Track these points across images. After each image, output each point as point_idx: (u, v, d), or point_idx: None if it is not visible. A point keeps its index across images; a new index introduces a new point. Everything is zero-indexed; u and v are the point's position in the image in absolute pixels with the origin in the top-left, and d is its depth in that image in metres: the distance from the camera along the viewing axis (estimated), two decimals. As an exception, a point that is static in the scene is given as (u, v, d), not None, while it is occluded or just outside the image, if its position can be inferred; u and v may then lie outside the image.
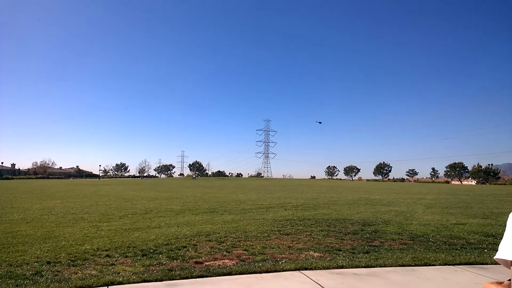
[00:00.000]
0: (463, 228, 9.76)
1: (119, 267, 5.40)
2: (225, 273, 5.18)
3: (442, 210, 15.33)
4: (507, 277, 0.96)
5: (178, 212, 13.13)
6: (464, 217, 12.43)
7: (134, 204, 16.22)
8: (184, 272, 5.15)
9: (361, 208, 15.28)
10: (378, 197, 24.57)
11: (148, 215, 12.12)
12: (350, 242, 7.61)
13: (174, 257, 6.03)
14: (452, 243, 7.65)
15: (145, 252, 6.36)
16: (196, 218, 11.18)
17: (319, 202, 18.66)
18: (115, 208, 14.50)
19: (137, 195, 23.26)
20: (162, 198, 20.38)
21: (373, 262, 5.88)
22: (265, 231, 8.68)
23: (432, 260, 6.08)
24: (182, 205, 15.88)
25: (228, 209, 14.35)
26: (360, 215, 12.41)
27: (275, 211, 13.68)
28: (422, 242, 7.72)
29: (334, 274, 5.26)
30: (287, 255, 6.31)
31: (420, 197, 24.84)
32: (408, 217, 12.09)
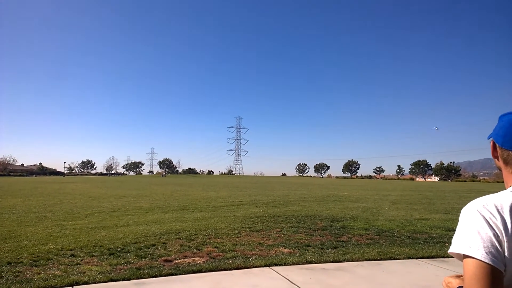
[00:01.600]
0: (426, 223, 10.20)
1: (84, 267, 5.23)
2: (194, 270, 5.13)
3: (407, 206, 15.93)
4: None
5: (147, 210, 12.87)
6: (427, 213, 12.99)
7: (101, 202, 15.74)
8: (153, 270, 5.06)
9: (330, 205, 15.61)
10: (346, 193, 25.18)
11: (115, 213, 11.80)
12: (319, 238, 7.76)
13: (143, 256, 5.92)
14: (415, 237, 7.98)
15: (112, 251, 6.20)
16: (166, 216, 11.01)
17: (290, 199, 18.89)
18: (81, 206, 14.01)
19: (104, 193, 22.57)
20: (130, 196, 19.90)
21: (341, 257, 6.02)
22: (236, 228, 8.69)
23: (396, 254, 6.30)
24: (152, 203, 15.59)
25: (198, 206, 14.23)
26: (329, 211, 12.67)
27: (246, 208, 13.71)
28: (388, 237, 8.00)
29: (303, 270, 5.34)
30: (257, 252, 6.34)
31: (386, 194, 25.70)
32: (375, 213, 12.48)
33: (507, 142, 1.08)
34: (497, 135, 1.13)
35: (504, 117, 1.13)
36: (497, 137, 1.12)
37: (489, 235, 0.95)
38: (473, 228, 0.98)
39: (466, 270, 0.96)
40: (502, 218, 0.96)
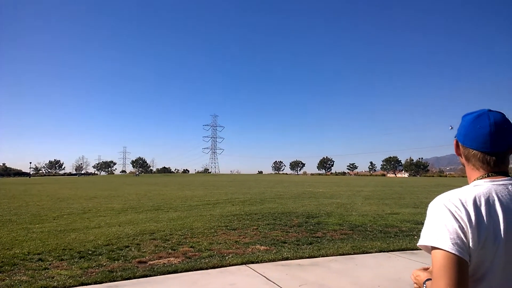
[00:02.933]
0: (397, 217, 10.52)
1: (53, 271, 5.04)
2: (170, 271, 5.05)
3: (379, 201, 16.38)
4: None
5: (119, 210, 12.56)
6: (398, 207, 13.40)
7: (70, 204, 15.21)
8: (127, 272, 4.94)
9: (306, 201, 15.80)
10: (321, 190, 25.58)
11: (86, 215, 11.45)
12: (295, 234, 7.84)
13: (116, 258, 5.76)
14: (387, 231, 8.21)
15: (83, 254, 6.00)
16: (140, 217, 10.78)
17: (266, 196, 18.97)
18: (49, 208, 13.48)
19: (73, 194, 21.84)
20: (102, 197, 19.36)
21: (316, 253, 6.11)
22: (212, 227, 8.63)
23: (369, 248, 6.46)
24: (124, 203, 15.23)
25: (173, 206, 14.03)
26: (305, 208, 12.83)
27: (222, 206, 13.65)
28: (361, 231, 8.19)
29: (280, 266, 5.38)
30: (234, 250, 6.32)
31: (359, 190, 26.31)
32: (348, 209, 12.75)
33: (468, 140, 1.15)
34: (459, 134, 1.19)
35: (466, 117, 1.19)
36: (459, 135, 1.19)
37: (454, 227, 1.00)
38: (440, 221, 1.03)
39: (434, 261, 1.00)
40: (466, 211, 1.02)
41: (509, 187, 1.08)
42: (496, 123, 1.11)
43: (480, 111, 1.17)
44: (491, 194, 1.06)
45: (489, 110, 1.16)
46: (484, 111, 1.15)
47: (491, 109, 1.16)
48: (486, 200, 1.04)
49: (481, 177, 1.12)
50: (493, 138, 1.10)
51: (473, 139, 1.13)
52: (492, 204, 1.03)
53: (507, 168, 1.14)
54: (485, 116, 1.13)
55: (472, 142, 1.13)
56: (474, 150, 1.13)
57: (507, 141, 1.11)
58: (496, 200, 1.04)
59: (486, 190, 1.06)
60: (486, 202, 1.03)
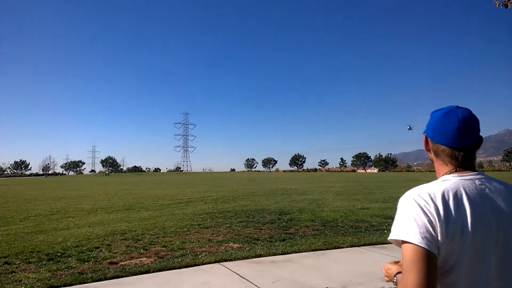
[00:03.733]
0: (367, 212, 10.84)
1: (20, 275, 4.86)
2: (142, 271, 4.99)
3: (349, 196, 16.79)
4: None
5: (89, 211, 12.22)
6: (368, 202, 13.80)
7: (37, 205, 14.64)
8: (97, 274, 4.83)
9: (278, 198, 15.97)
10: (293, 187, 25.90)
11: (54, 216, 11.05)
12: (268, 231, 7.92)
13: (86, 259, 5.62)
14: (358, 226, 8.45)
15: (52, 256, 5.82)
16: (110, 217, 10.53)
17: (239, 194, 19.00)
18: (15, 210, 12.92)
19: (40, 195, 21.00)
20: (70, 197, 18.73)
21: (289, 249, 6.20)
22: (185, 226, 8.57)
23: (340, 243, 6.62)
24: (94, 204, 14.81)
25: (145, 205, 13.80)
26: (277, 205, 12.97)
27: (195, 205, 13.56)
28: (332, 227, 8.38)
29: (253, 263, 5.43)
30: (207, 249, 6.32)
31: (331, 186, 26.86)
32: (320, 205, 13.00)
33: (436, 136, 1.18)
34: (428, 129, 1.23)
35: (434, 113, 1.23)
36: (428, 131, 1.23)
37: (424, 221, 1.03)
38: (410, 215, 1.06)
39: (404, 254, 1.03)
40: (435, 205, 1.04)
41: (476, 181, 1.12)
42: (464, 119, 1.14)
43: (448, 107, 1.20)
44: (459, 188, 1.09)
45: (457, 106, 1.19)
46: (453, 108, 1.18)
47: (459, 106, 1.19)
48: (454, 195, 1.07)
49: (449, 172, 1.15)
50: (461, 134, 1.13)
51: (442, 135, 1.16)
52: (460, 198, 1.06)
53: (474, 163, 1.17)
54: (453, 113, 1.16)
55: (441, 137, 1.16)
56: (443, 145, 1.16)
57: (474, 137, 1.15)
58: (464, 194, 1.07)
59: (454, 185, 1.09)
60: (454, 196, 1.06)
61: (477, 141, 1.16)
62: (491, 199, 1.09)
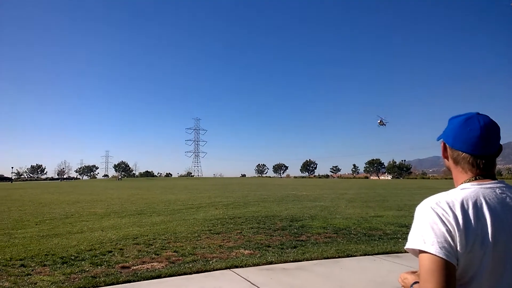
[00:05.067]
0: (381, 220, 10.67)
1: (36, 277, 4.93)
2: (153, 276, 5.01)
3: (362, 203, 16.58)
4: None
5: (102, 215, 12.36)
6: (381, 210, 13.60)
7: (53, 209, 14.88)
8: (109, 278, 4.88)
9: (289, 205, 15.87)
10: (305, 193, 25.73)
11: (68, 219, 11.22)
12: (279, 238, 7.87)
13: (98, 263, 5.68)
14: (371, 234, 8.31)
15: (66, 260, 5.89)
16: (122, 221, 10.63)
17: (249, 200, 18.96)
18: (31, 213, 13.15)
19: (56, 199, 21.34)
20: (84, 201, 18.99)
21: (300, 256, 6.13)
22: (196, 231, 8.59)
23: (353, 252, 6.51)
24: (107, 208, 14.98)
25: (156, 210, 13.89)
26: (288, 211, 12.88)
27: (206, 210, 13.59)
28: (345, 234, 8.27)
29: (264, 270, 5.39)
30: (217, 254, 6.31)
31: (343, 192, 26.58)
32: (332, 212, 12.87)
33: (457, 143, 1.15)
34: (448, 136, 1.19)
35: (454, 119, 1.20)
36: (447, 138, 1.19)
37: (442, 230, 1.00)
38: (427, 224, 1.03)
39: (421, 265, 1.01)
40: (454, 214, 1.02)
41: (497, 190, 1.09)
42: (486, 126, 1.11)
43: (468, 114, 1.17)
44: (479, 197, 1.05)
45: (477, 113, 1.16)
46: (473, 114, 1.16)
47: (479, 112, 1.17)
48: (474, 204, 1.04)
49: (468, 180, 1.12)
50: (483, 141, 1.10)
51: (463, 142, 1.13)
52: (479, 207, 1.03)
53: (494, 171, 1.15)
54: (475, 119, 1.13)
55: (462, 144, 1.13)
56: (464, 153, 1.13)
57: (496, 144, 1.13)
58: (484, 203, 1.04)
59: (473, 193, 1.06)
60: (473, 205, 1.03)
61: (498, 149, 1.14)
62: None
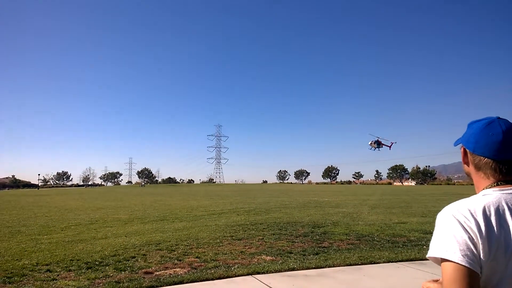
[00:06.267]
0: (404, 226, 10.40)
1: (61, 282, 5.06)
2: (176, 282, 5.05)
3: (385, 210, 16.22)
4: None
5: (126, 221, 12.60)
6: (405, 216, 13.26)
7: (78, 215, 15.30)
8: (133, 283, 4.95)
9: (311, 211, 15.71)
10: (327, 199, 25.43)
11: (93, 225, 11.49)
12: (300, 244, 7.79)
13: (122, 269, 5.77)
14: (394, 241, 8.12)
15: (90, 265, 6.02)
16: (146, 227, 10.80)
17: (271, 206, 18.90)
18: (57, 219, 13.57)
19: (81, 205, 21.95)
20: (108, 208, 19.44)
21: (323, 263, 6.05)
22: (218, 237, 8.62)
23: (376, 258, 6.38)
24: (130, 214, 15.27)
25: (179, 216, 14.04)
26: (310, 218, 12.75)
27: (228, 216, 13.63)
28: (368, 241, 8.10)
29: (286, 277, 5.34)
30: (239, 260, 6.30)
31: (366, 198, 26.10)
32: (355, 218, 12.64)
33: (479, 148, 1.12)
34: (468, 141, 1.17)
35: (474, 124, 1.17)
36: (468, 143, 1.16)
37: (464, 238, 0.98)
38: (449, 232, 1.01)
39: (444, 273, 0.99)
40: (476, 221, 1.00)
41: None
42: (508, 130, 1.09)
43: (489, 118, 1.15)
44: (501, 203, 1.03)
45: (498, 117, 1.15)
46: (494, 119, 1.14)
47: (500, 117, 1.15)
48: (496, 210, 1.02)
49: (489, 186, 1.10)
50: (506, 146, 1.08)
51: (485, 147, 1.11)
52: (502, 214, 1.01)
53: None
54: (496, 124, 1.11)
55: (484, 150, 1.11)
56: (486, 158, 1.11)
57: None
58: (506, 209, 1.02)
59: (495, 200, 1.04)
60: (496, 211, 1.01)
61: None
62: None
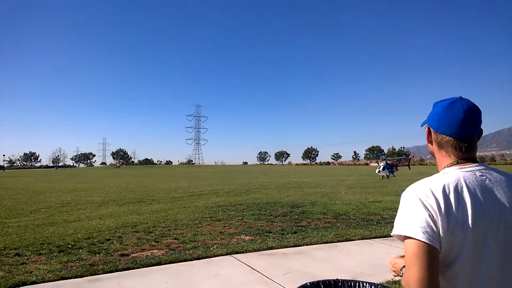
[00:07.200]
0: (379, 205, 10.69)
1: (31, 266, 4.87)
2: (153, 263, 4.96)
3: (362, 189, 16.62)
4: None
5: (100, 203, 12.33)
6: (380, 195, 13.63)
7: (48, 197, 14.86)
8: (108, 266, 4.82)
9: (291, 191, 15.89)
10: (306, 180, 25.79)
11: (64, 208, 11.18)
12: (279, 224, 7.84)
13: (97, 251, 5.62)
14: (369, 219, 8.32)
15: (62, 248, 5.84)
16: (121, 209, 10.60)
17: (251, 187, 18.98)
18: (25, 202, 13.12)
19: (51, 187, 21.34)
20: (81, 190, 18.97)
21: (301, 241, 6.12)
22: (196, 219, 8.55)
23: (352, 236, 6.53)
24: (105, 196, 14.96)
25: (156, 198, 13.87)
26: (289, 198, 12.89)
27: (207, 198, 13.57)
28: (344, 220, 8.27)
29: (265, 255, 5.36)
30: (218, 241, 6.27)
31: (343, 179, 26.66)
32: (332, 198, 12.87)
33: (441, 126, 1.17)
34: (432, 120, 1.22)
35: (438, 104, 1.22)
36: (432, 122, 1.22)
37: (425, 216, 1.03)
38: (411, 210, 1.06)
39: (406, 249, 1.04)
40: (436, 199, 1.04)
41: (477, 173, 1.11)
42: (469, 110, 1.14)
43: (452, 98, 1.20)
44: (460, 181, 1.08)
45: (460, 97, 1.19)
46: (457, 98, 1.19)
47: (462, 97, 1.19)
48: (455, 188, 1.06)
49: (450, 165, 1.15)
50: (467, 124, 1.13)
51: (447, 125, 1.16)
52: (460, 191, 1.06)
53: (475, 154, 1.17)
54: (458, 103, 1.16)
55: (446, 128, 1.16)
56: (448, 136, 1.16)
57: (477, 127, 1.16)
58: (464, 186, 1.07)
59: (454, 178, 1.09)
60: (454, 189, 1.06)
61: (479, 132, 1.17)
62: (491, 190, 1.09)
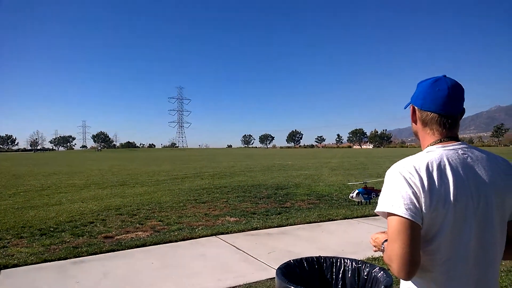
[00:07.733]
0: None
1: (13, 249, 4.81)
2: (138, 245, 4.96)
3: (345, 171, 16.91)
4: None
5: (82, 187, 12.16)
6: (362, 177, 13.85)
7: (27, 181, 14.54)
8: (92, 248, 4.79)
9: (275, 174, 16.02)
10: (290, 162, 26.01)
11: (45, 191, 10.99)
12: (264, 205, 7.93)
13: (80, 234, 5.58)
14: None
15: (44, 231, 5.77)
16: (104, 192, 10.49)
17: (236, 170, 19.03)
18: (3, 185, 12.83)
19: (30, 171, 20.87)
20: (62, 173, 18.63)
21: (284, 222, 6.22)
22: (181, 201, 8.55)
23: (334, 216, 6.68)
24: (87, 180, 14.74)
25: (140, 181, 13.76)
26: (274, 180, 13.01)
27: (191, 180, 13.55)
28: (327, 200, 8.43)
29: (249, 236, 5.44)
30: (203, 222, 6.31)
31: (327, 161, 27.01)
32: (316, 180, 13.06)
33: (426, 103, 1.19)
34: (417, 98, 1.24)
35: (422, 83, 1.25)
36: (417, 100, 1.24)
37: (408, 193, 1.06)
38: (395, 188, 1.10)
39: (389, 226, 1.08)
40: (419, 177, 1.07)
41: (459, 151, 1.14)
42: (453, 86, 1.17)
43: (436, 76, 1.22)
44: (443, 159, 1.11)
45: (444, 75, 1.21)
46: (441, 76, 1.21)
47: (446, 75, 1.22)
48: (438, 165, 1.09)
49: (433, 143, 1.18)
50: (451, 99, 1.16)
51: (432, 102, 1.18)
52: (443, 169, 1.09)
53: (457, 132, 1.20)
54: (442, 81, 1.19)
55: (430, 104, 1.18)
56: (433, 112, 1.18)
57: (461, 104, 1.19)
58: (447, 164, 1.10)
59: (438, 156, 1.12)
60: (437, 167, 1.09)
61: (462, 110, 1.20)
62: (472, 167, 1.12)
